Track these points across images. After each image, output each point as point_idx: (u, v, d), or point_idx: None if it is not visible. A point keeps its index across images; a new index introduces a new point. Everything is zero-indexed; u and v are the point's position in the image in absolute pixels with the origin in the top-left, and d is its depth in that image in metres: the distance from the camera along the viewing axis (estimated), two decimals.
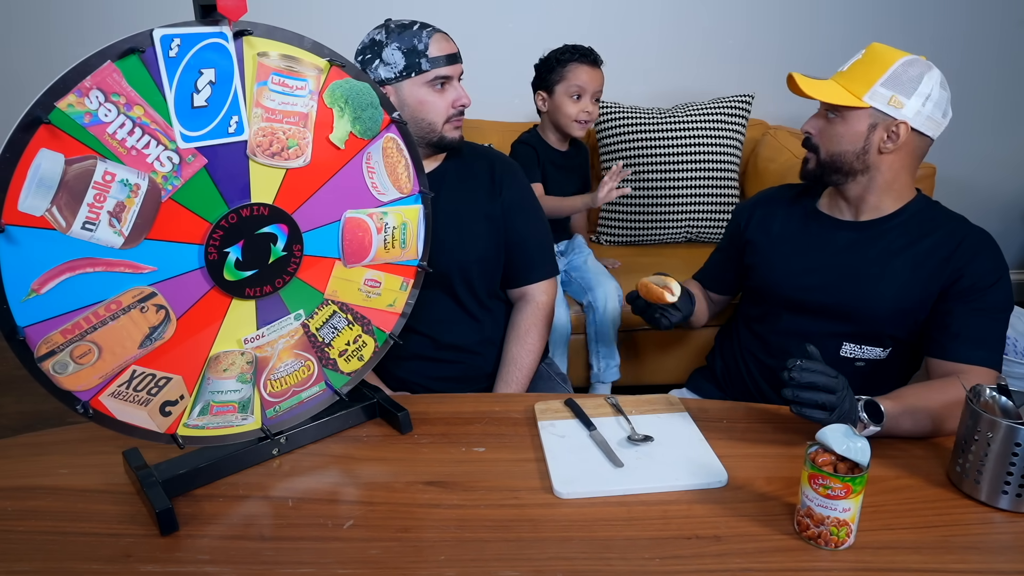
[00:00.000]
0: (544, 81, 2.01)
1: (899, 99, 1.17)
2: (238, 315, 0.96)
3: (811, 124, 1.29)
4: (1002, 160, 2.83)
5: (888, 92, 1.18)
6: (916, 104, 1.18)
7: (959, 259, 1.20)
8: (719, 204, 2.34)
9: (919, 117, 1.18)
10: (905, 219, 1.26)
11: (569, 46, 1.99)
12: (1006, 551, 0.86)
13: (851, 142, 1.22)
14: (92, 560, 0.84)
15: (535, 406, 1.15)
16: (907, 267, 1.23)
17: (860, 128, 1.21)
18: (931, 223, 1.25)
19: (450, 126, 1.34)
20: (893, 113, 1.18)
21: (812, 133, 1.28)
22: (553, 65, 1.98)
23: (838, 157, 1.24)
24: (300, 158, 0.95)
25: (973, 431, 0.92)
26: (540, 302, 1.49)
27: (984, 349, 1.17)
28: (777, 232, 1.39)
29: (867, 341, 1.29)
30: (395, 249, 1.09)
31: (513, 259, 1.47)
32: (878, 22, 2.64)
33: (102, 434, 0.93)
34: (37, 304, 0.81)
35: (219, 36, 0.85)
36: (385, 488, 0.97)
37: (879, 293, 1.25)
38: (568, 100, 1.98)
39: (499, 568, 0.82)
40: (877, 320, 1.26)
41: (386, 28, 1.31)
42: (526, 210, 1.49)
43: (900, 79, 1.18)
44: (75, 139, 0.78)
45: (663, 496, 0.94)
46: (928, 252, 1.22)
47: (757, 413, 1.15)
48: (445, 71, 1.30)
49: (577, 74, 1.96)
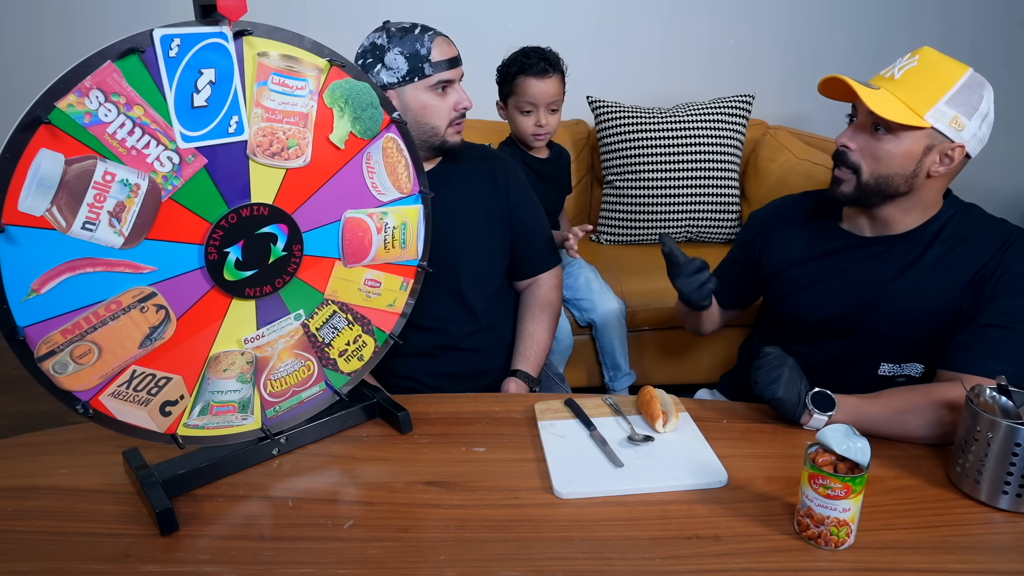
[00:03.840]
0: (501, 92, 1.89)
1: (961, 120, 1.05)
2: (238, 315, 0.96)
3: (852, 138, 1.12)
4: (1002, 160, 2.82)
5: (952, 112, 1.05)
6: (975, 125, 1.07)
7: (1000, 260, 1.10)
8: (719, 204, 2.34)
9: (975, 140, 1.08)
10: (937, 228, 1.16)
11: (519, 53, 1.83)
12: (1006, 551, 0.86)
13: (902, 164, 1.08)
14: (92, 560, 0.84)
15: (535, 406, 1.15)
16: (941, 277, 1.14)
17: (915, 149, 1.07)
18: (965, 227, 1.15)
19: (452, 130, 1.35)
20: (953, 135, 1.06)
21: (852, 148, 1.12)
22: (504, 76, 1.85)
23: (884, 180, 1.10)
24: (300, 158, 0.95)
25: (973, 431, 0.92)
26: (551, 285, 1.54)
27: (1000, 361, 1.05)
28: (799, 258, 1.28)
29: (905, 358, 1.20)
30: (395, 249, 1.09)
31: (523, 251, 1.51)
32: (879, 22, 2.64)
33: (102, 434, 0.93)
34: (37, 304, 0.81)
35: (219, 36, 0.85)
36: (385, 488, 0.97)
37: (910, 308, 1.16)
38: (520, 115, 1.85)
39: (499, 568, 0.82)
40: (911, 335, 1.18)
41: (387, 32, 1.31)
42: (531, 205, 1.52)
43: (963, 97, 1.05)
44: (75, 139, 0.78)
45: (663, 496, 0.94)
46: (964, 259, 1.13)
47: (757, 413, 1.15)
48: (447, 75, 1.30)
49: (525, 88, 1.80)
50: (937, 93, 1.05)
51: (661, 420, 1.08)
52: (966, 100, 1.06)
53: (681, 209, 2.34)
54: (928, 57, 1.08)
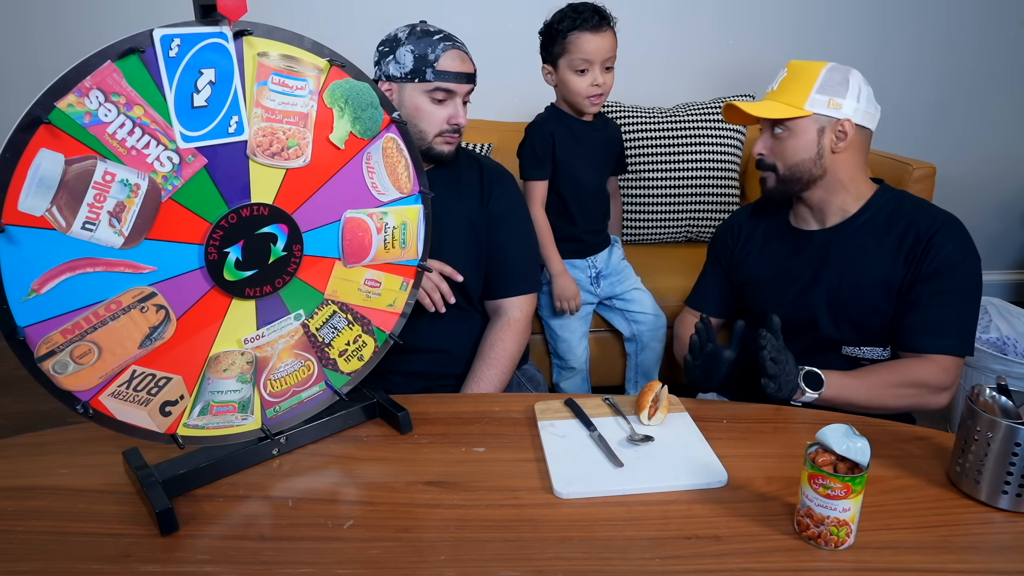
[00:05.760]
0: (548, 53, 1.72)
1: (836, 101, 1.26)
2: (238, 315, 0.96)
3: (761, 145, 1.34)
4: (1002, 160, 2.83)
5: (824, 97, 1.26)
6: (852, 102, 1.26)
7: (928, 243, 1.24)
8: (719, 204, 2.34)
9: (858, 113, 1.26)
10: (872, 215, 1.31)
11: (568, 8, 1.67)
12: (1006, 551, 0.86)
13: (805, 150, 1.28)
14: (92, 560, 0.84)
15: (535, 406, 1.15)
16: (881, 261, 1.27)
17: (810, 135, 1.28)
18: (898, 214, 1.29)
19: (441, 140, 1.34)
20: (835, 114, 1.26)
21: (764, 154, 1.34)
22: (553, 35, 1.68)
23: (796, 168, 1.30)
24: (300, 158, 0.95)
25: (973, 431, 0.92)
26: (513, 318, 1.45)
27: (948, 337, 1.22)
28: (759, 253, 1.43)
29: (865, 342, 1.32)
30: (395, 249, 1.09)
31: (492, 270, 1.45)
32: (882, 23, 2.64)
33: (102, 434, 0.93)
34: (37, 304, 0.81)
35: (219, 36, 0.85)
36: (385, 488, 0.97)
37: (859, 293, 1.29)
38: (574, 75, 1.68)
39: (499, 568, 0.82)
40: (864, 319, 1.30)
41: (411, 29, 1.32)
42: (512, 221, 1.47)
43: (831, 83, 1.26)
44: (75, 139, 0.78)
45: (663, 496, 0.94)
46: (897, 243, 1.27)
47: (757, 413, 1.15)
48: (448, 86, 1.30)
49: (580, 44, 1.64)
50: (807, 87, 1.27)
51: (647, 412, 1.10)
52: (833, 84, 1.26)
53: (681, 209, 2.34)
54: (794, 66, 1.32)
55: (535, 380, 1.60)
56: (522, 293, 1.48)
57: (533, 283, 1.51)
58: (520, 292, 1.47)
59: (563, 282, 1.77)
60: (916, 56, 2.69)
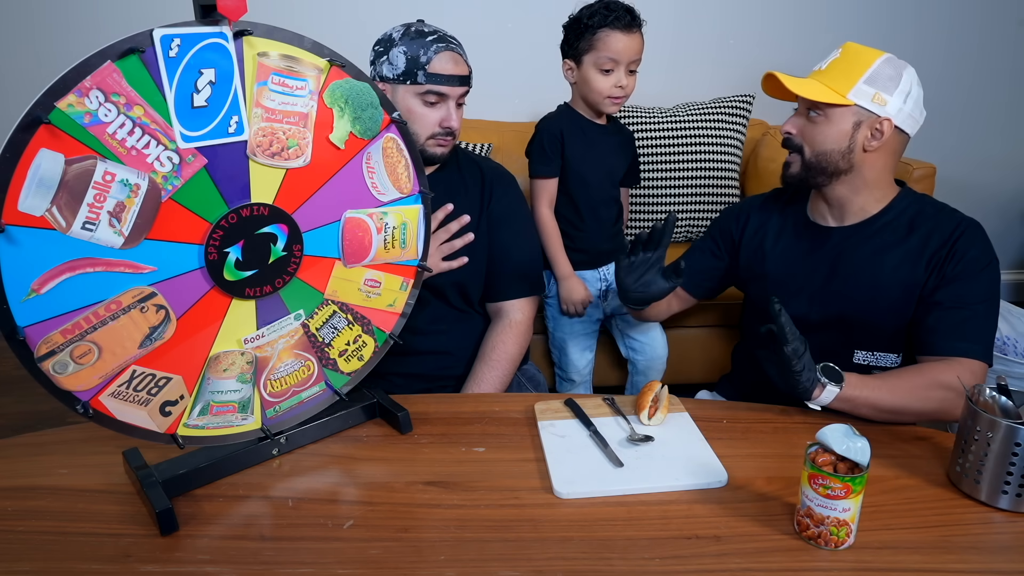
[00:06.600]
0: (571, 48, 1.66)
1: (882, 96, 1.18)
2: (238, 315, 0.96)
3: (792, 124, 1.27)
4: (1002, 160, 2.82)
5: (871, 89, 1.18)
6: (898, 101, 1.18)
7: (952, 246, 1.19)
8: (719, 204, 2.34)
9: (901, 114, 1.19)
10: (893, 217, 1.25)
11: (599, 5, 1.62)
12: (1006, 551, 0.86)
13: (836, 141, 1.21)
14: (92, 560, 0.84)
15: (535, 406, 1.15)
16: (901, 263, 1.22)
17: (845, 126, 1.20)
18: (920, 217, 1.24)
19: (433, 142, 1.34)
20: (877, 110, 1.18)
21: (793, 133, 1.26)
22: (581, 31, 1.62)
23: (823, 157, 1.23)
24: (300, 158, 0.95)
25: (973, 431, 0.92)
26: (515, 320, 1.44)
27: (974, 341, 1.16)
28: (771, 247, 1.36)
29: (878, 347, 1.27)
30: (395, 249, 1.09)
31: (493, 272, 1.44)
32: (883, 23, 2.64)
33: (102, 434, 0.93)
34: (37, 304, 0.81)
35: (219, 36, 0.85)
36: (385, 488, 0.97)
37: (875, 295, 1.24)
38: (598, 74, 1.63)
39: (499, 568, 0.82)
40: (880, 323, 1.25)
41: (406, 29, 1.31)
42: (513, 223, 1.46)
43: (881, 76, 1.18)
44: (75, 139, 0.78)
45: (663, 496, 0.94)
46: (920, 246, 1.22)
47: (757, 413, 1.15)
48: (440, 89, 1.30)
49: (609, 43, 1.59)
50: (856, 75, 1.19)
51: (647, 412, 1.10)
52: (884, 78, 1.18)
53: (681, 209, 2.34)
54: (849, 48, 1.23)
55: (535, 380, 1.59)
56: (523, 295, 1.47)
57: (535, 286, 1.50)
58: (521, 294, 1.47)
59: (570, 284, 1.74)
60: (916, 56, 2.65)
